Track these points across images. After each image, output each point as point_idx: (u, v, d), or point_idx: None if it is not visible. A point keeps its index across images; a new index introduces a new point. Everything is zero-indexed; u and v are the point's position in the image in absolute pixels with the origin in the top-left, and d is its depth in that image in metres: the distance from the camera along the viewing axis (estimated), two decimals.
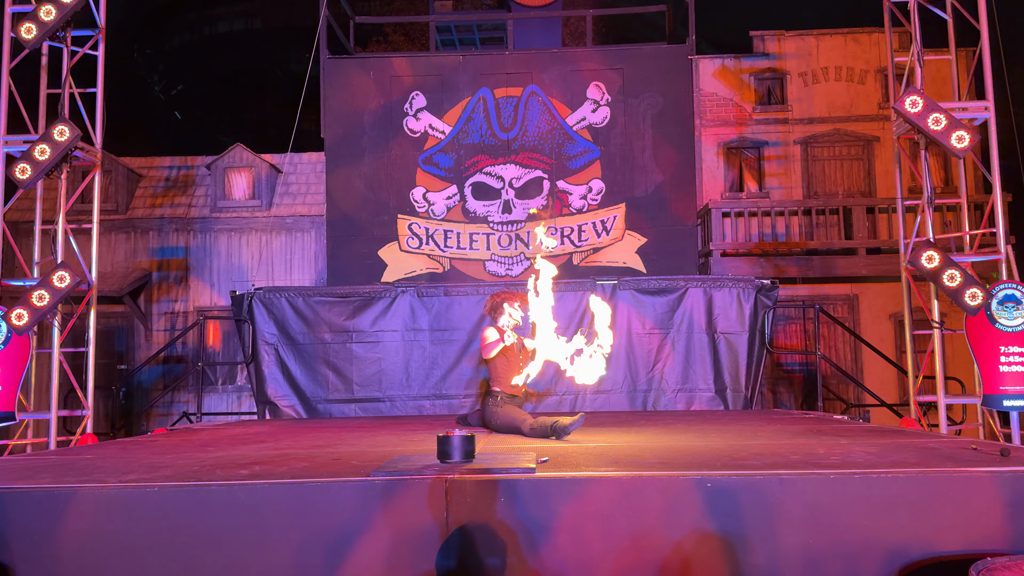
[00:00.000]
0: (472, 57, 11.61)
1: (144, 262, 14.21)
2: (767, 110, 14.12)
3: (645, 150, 10.99)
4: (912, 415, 8.16)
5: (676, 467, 3.47)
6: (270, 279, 14.00)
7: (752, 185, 14.19)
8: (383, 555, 3.11)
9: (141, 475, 3.56)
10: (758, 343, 8.50)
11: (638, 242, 10.83)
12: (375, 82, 11.31)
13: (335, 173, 11.23)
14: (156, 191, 14.78)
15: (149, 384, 13.93)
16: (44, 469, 3.93)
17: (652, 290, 8.61)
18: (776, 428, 5.64)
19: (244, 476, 3.43)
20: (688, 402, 8.42)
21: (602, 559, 3.09)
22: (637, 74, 11.13)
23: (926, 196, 7.91)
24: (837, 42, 14.20)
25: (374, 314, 8.67)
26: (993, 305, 7.35)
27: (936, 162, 13.04)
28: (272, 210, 14.31)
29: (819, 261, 12.46)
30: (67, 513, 3.19)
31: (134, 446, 5.26)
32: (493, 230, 10.98)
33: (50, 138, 7.74)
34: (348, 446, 4.85)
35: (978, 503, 3.11)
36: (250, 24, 34.27)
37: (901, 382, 12.02)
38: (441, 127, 11.19)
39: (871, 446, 4.20)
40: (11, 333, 7.58)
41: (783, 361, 13.07)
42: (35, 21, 7.84)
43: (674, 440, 4.83)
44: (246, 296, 8.80)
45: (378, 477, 3.25)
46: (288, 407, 8.60)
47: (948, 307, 8.59)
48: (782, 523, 3.11)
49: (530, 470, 3.28)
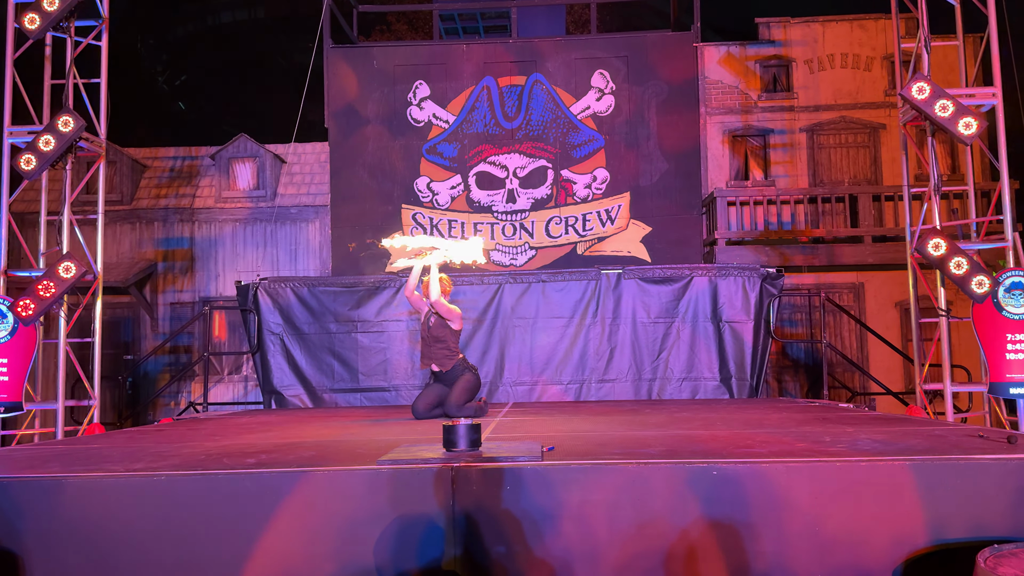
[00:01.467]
0: (476, 46, 11.56)
1: (149, 252, 14.24)
2: (773, 97, 14.05)
3: (650, 138, 10.94)
4: (918, 403, 8.14)
5: (682, 455, 3.47)
6: (275, 269, 14.02)
7: (757, 173, 14.14)
8: (390, 543, 3.12)
9: (148, 464, 3.57)
10: (763, 331, 8.49)
11: (643, 231, 10.80)
12: (379, 71, 11.27)
13: (339, 163, 11.21)
14: (161, 181, 14.78)
15: (155, 374, 13.98)
16: (52, 459, 3.95)
17: (657, 279, 8.60)
18: (782, 416, 5.64)
19: (251, 465, 3.44)
20: (693, 391, 8.43)
21: (608, 547, 3.10)
22: (642, 62, 11.07)
23: (933, 183, 7.87)
24: (843, 29, 14.11)
25: (379, 304, 8.68)
26: (1000, 293, 7.32)
27: (943, 149, 12.96)
28: (276, 200, 14.32)
29: (825, 249, 12.42)
30: (75, 502, 3.20)
31: (141, 436, 5.28)
32: (497, 219, 10.96)
33: (54, 129, 7.74)
34: (354, 435, 4.86)
35: (985, 490, 3.11)
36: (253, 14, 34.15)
37: (907, 370, 12.00)
38: (445, 116, 11.16)
39: (877, 434, 4.20)
40: (18, 323, 7.60)
41: (789, 350, 13.06)
42: (39, 11, 7.83)
43: (680, 428, 4.83)
44: (251, 286, 8.81)
45: (385, 465, 3.26)
46: (294, 397, 8.63)
47: (954, 295, 8.56)
48: (788, 510, 3.11)
49: (536, 458, 3.29)
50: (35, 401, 8.17)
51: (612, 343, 8.51)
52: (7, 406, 7.61)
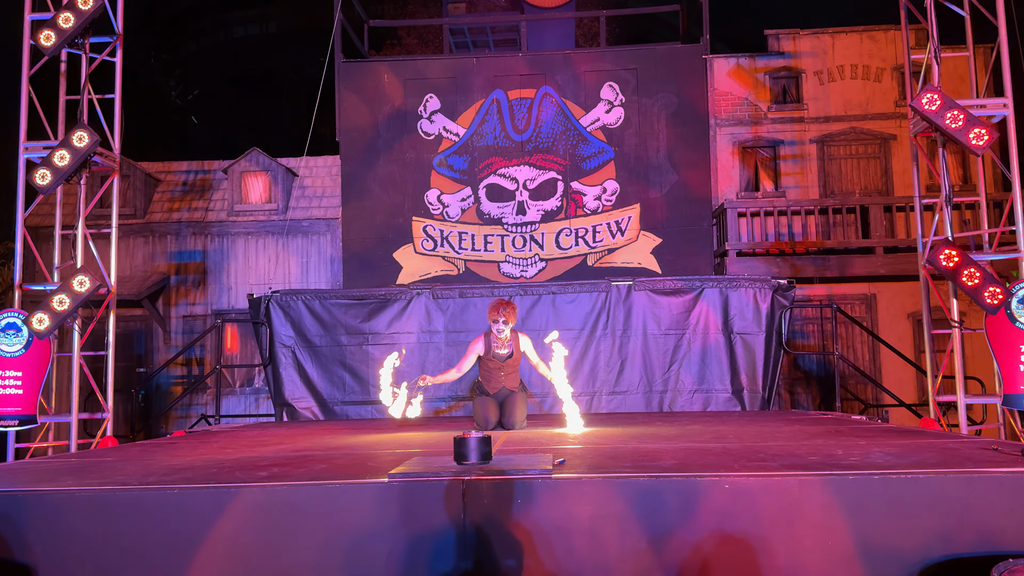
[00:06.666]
0: (485, 59, 11.61)
1: (162, 266, 14.33)
2: (783, 109, 14.05)
3: (660, 150, 10.95)
4: (932, 415, 8.08)
5: (694, 468, 3.46)
6: (287, 282, 14.07)
7: (768, 184, 14.12)
8: (401, 556, 3.12)
9: (161, 477, 3.59)
10: (775, 343, 8.45)
11: (653, 242, 10.79)
12: (389, 85, 11.34)
13: (350, 176, 11.27)
14: (173, 195, 14.89)
15: (168, 387, 14.04)
16: (65, 471, 3.97)
17: (668, 290, 8.58)
18: (794, 429, 5.62)
19: (263, 478, 3.45)
20: (705, 403, 8.39)
21: (619, 561, 3.09)
22: (651, 74, 11.09)
23: (944, 194, 7.84)
24: (853, 40, 14.11)
25: (390, 316, 8.70)
26: (1013, 304, 7.26)
27: (954, 160, 12.92)
28: (288, 213, 14.40)
29: (836, 260, 12.37)
30: (88, 515, 3.22)
31: (154, 448, 5.31)
32: (507, 232, 10.98)
33: (69, 144, 7.82)
34: (365, 448, 4.87)
35: (999, 504, 3.09)
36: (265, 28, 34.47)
37: (920, 382, 11.91)
38: (455, 129, 11.21)
39: (890, 447, 4.17)
40: (32, 337, 7.66)
41: (800, 361, 12.99)
42: (54, 28, 7.93)
43: (691, 441, 4.81)
44: (263, 299, 8.85)
45: (396, 479, 3.27)
46: (305, 409, 8.64)
47: (967, 306, 8.51)
48: (801, 524, 3.09)
49: (547, 472, 3.28)
50: (49, 414, 8.22)
51: (623, 355, 8.49)
52: (21, 419, 7.66)
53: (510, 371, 6.40)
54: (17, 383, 7.63)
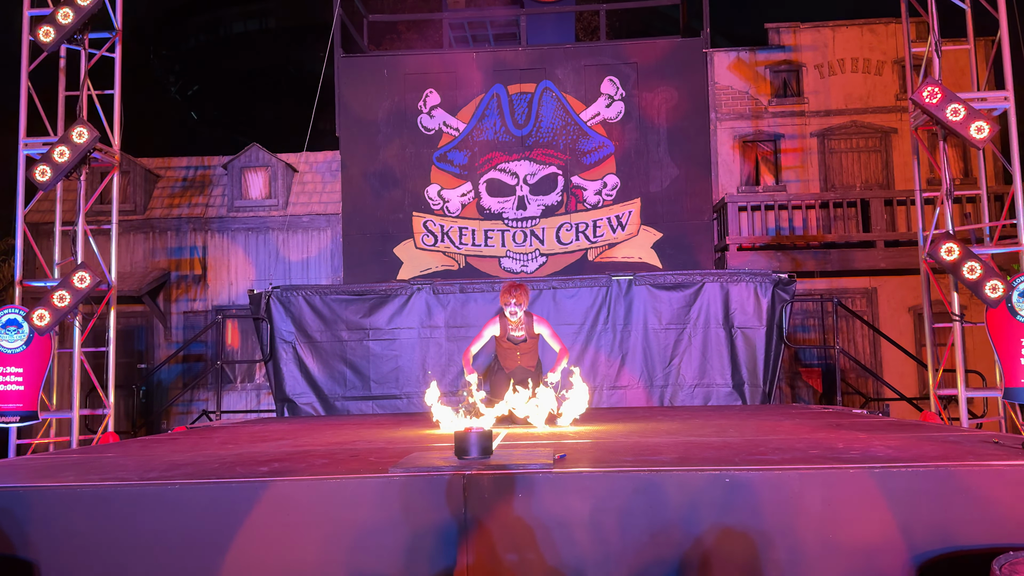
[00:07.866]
0: (485, 54, 11.59)
1: (162, 262, 14.33)
2: (783, 103, 14.02)
3: (660, 145, 10.93)
4: (932, 409, 8.08)
5: (695, 462, 3.46)
6: (287, 277, 14.08)
7: (768, 178, 14.10)
8: (402, 551, 3.12)
9: (162, 473, 3.59)
10: (776, 337, 8.45)
11: (653, 237, 10.78)
12: (389, 80, 11.32)
13: (350, 171, 11.26)
14: (174, 191, 14.89)
15: (168, 383, 14.05)
16: (67, 467, 3.98)
17: (668, 285, 8.58)
18: (795, 423, 5.61)
19: (264, 473, 3.45)
20: (706, 397, 8.40)
21: (620, 555, 3.09)
22: (651, 68, 11.07)
23: (945, 188, 7.83)
24: (853, 33, 14.08)
25: (390, 311, 8.70)
26: (1014, 297, 7.26)
27: (955, 153, 12.90)
28: (288, 209, 14.39)
29: (837, 254, 12.37)
30: (89, 511, 3.22)
31: (155, 444, 5.31)
32: (508, 226, 10.97)
33: (69, 140, 7.81)
34: (366, 443, 4.87)
35: (1000, 497, 3.09)
36: (264, 24, 34.42)
37: (921, 376, 11.91)
38: (455, 124, 11.19)
39: (891, 440, 4.18)
40: (33, 333, 7.67)
41: (801, 355, 12.99)
42: (53, 24, 7.92)
43: (692, 435, 4.81)
44: (264, 295, 8.85)
45: (397, 474, 3.27)
46: (306, 404, 8.65)
47: (968, 299, 8.51)
48: (802, 518, 3.09)
49: (548, 466, 3.28)
50: (50, 410, 8.23)
51: (623, 349, 8.50)
52: (23, 415, 7.67)
53: (526, 351, 6.46)
54: (18, 379, 7.64)
